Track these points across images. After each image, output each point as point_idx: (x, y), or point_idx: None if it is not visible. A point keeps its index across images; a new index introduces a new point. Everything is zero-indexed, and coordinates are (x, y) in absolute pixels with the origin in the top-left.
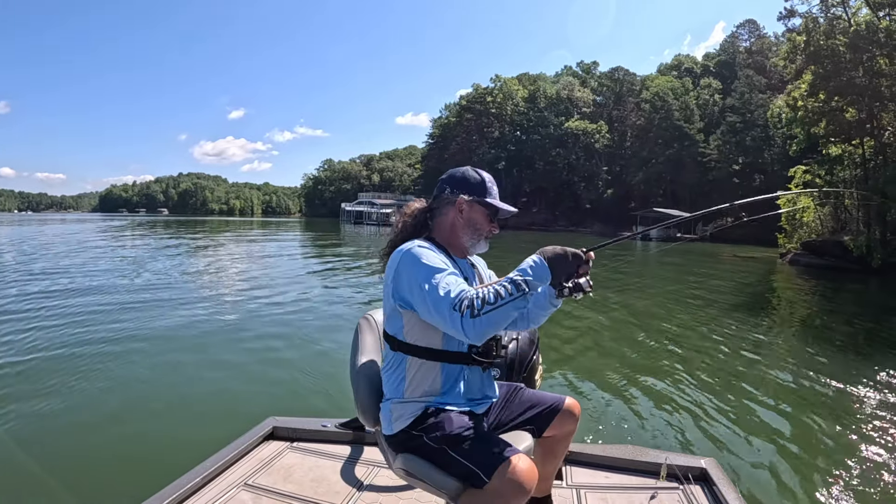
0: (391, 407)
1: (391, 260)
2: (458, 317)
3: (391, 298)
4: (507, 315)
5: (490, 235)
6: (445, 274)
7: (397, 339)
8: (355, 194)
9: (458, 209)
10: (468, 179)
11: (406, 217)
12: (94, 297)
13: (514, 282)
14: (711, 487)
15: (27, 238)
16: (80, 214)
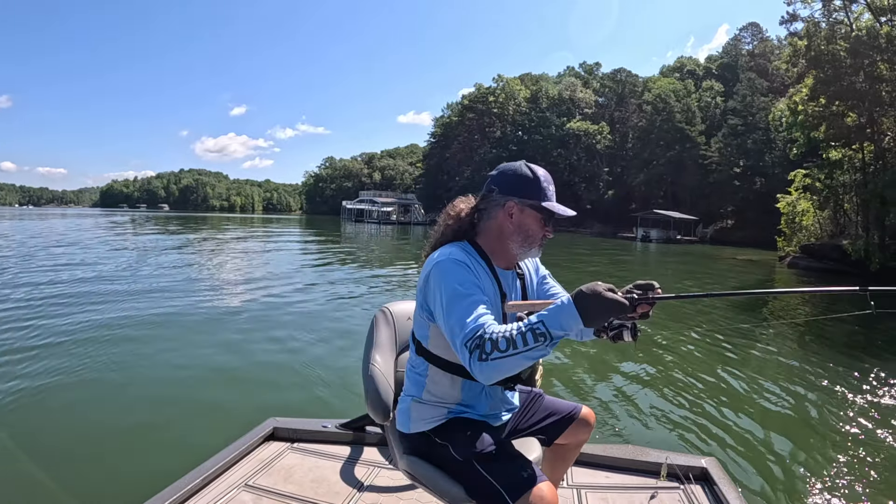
0: (411, 405)
1: (425, 265)
2: (468, 355)
3: (421, 306)
4: (518, 364)
5: (544, 241)
6: (469, 302)
7: (422, 345)
8: (356, 192)
9: (508, 213)
10: (520, 179)
11: (449, 220)
12: (94, 295)
13: (534, 331)
14: (712, 487)
15: (30, 232)
16: (81, 209)
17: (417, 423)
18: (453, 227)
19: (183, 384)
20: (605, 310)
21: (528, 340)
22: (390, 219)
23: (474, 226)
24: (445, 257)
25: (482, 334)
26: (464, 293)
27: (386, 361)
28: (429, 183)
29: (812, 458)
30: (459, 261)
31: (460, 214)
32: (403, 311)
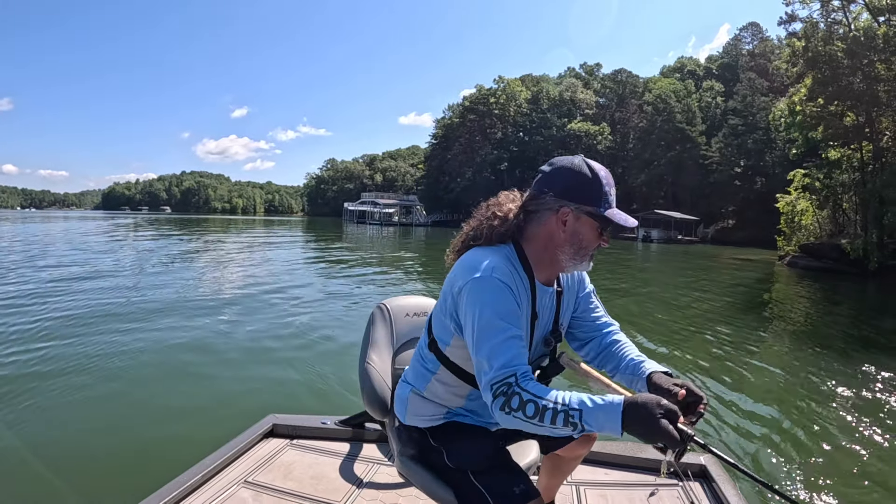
0: (409, 396)
1: (461, 270)
2: (491, 398)
3: (447, 313)
4: (536, 431)
5: (596, 252)
6: (505, 338)
7: (437, 346)
8: (358, 194)
9: (562, 220)
10: (578, 180)
11: (494, 220)
12: (95, 293)
13: (568, 416)
14: (711, 484)
15: (33, 236)
16: (83, 212)
17: (414, 417)
18: (498, 229)
19: (183, 381)
20: (652, 434)
21: (556, 421)
22: (392, 220)
23: (520, 229)
24: (488, 274)
25: (514, 386)
26: (501, 327)
27: (383, 359)
28: (430, 184)
29: (810, 455)
30: (504, 283)
31: (507, 216)
32: (401, 306)
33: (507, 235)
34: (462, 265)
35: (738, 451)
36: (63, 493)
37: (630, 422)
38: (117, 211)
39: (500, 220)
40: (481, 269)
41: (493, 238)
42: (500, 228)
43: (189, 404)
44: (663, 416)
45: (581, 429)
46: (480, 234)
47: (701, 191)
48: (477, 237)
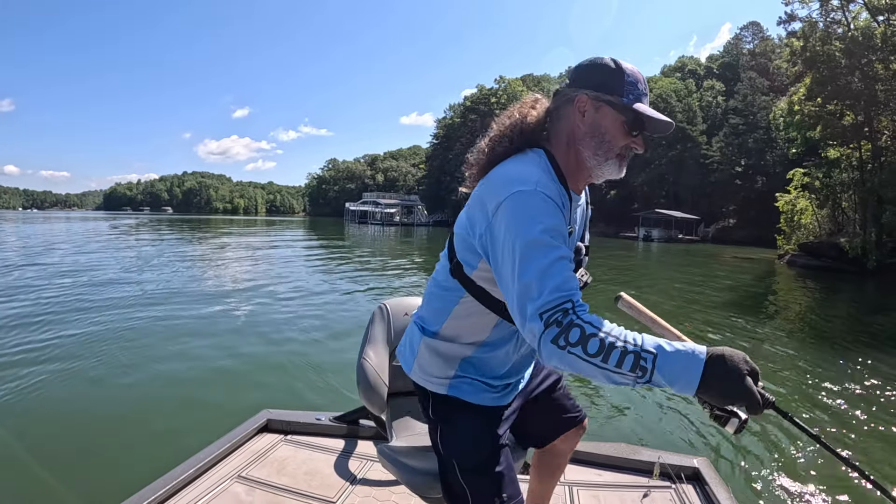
0: (421, 344)
1: (494, 183)
2: (540, 328)
3: (476, 234)
4: (591, 374)
5: (628, 154)
6: (555, 258)
7: (462, 270)
8: (359, 194)
9: (579, 111)
10: (598, 70)
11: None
12: (95, 290)
13: (639, 359)
14: (703, 487)
15: (35, 236)
16: (85, 212)
17: (421, 373)
18: (525, 134)
19: (178, 376)
20: (735, 395)
21: (623, 364)
22: (394, 220)
23: (544, 128)
24: (532, 187)
25: (570, 314)
26: (551, 245)
27: (379, 356)
28: (431, 184)
29: (804, 459)
30: (549, 197)
31: (526, 118)
32: (400, 307)
33: (534, 141)
34: (495, 179)
35: (738, 445)
36: (56, 487)
37: (711, 377)
38: (119, 211)
39: (525, 125)
40: (523, 182)
41: (522, 143)
42: (526, 133)
43: (183, 399)
44: (749, 372)
45: (648, 378)
46: (503, 141)
47: (702, 190)
48: (499, 146)
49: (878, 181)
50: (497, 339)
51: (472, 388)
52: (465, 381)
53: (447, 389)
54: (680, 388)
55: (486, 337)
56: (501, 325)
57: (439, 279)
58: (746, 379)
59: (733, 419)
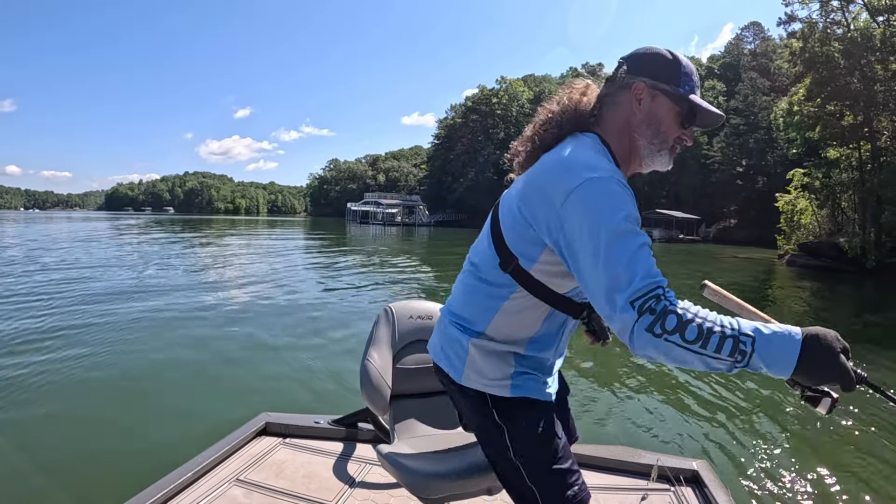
0: (469, 347)
1: (557, 169)
2: (633, 317)
3: (538, 224)
4: (687, 361)
5: (678, 147)
6: (640, 245)
7: (516, 263)
8: (361, 194)
9: (636, 98)
10: (655, 59)
11: (572, 104)
12: (93, 291)
13: (738, 343)
14: (702, 489)
15: (40, 236)
16: (87, 212)
17: (474, 376)
18: (577, 118)
19: (176, 379)
20: (831, 374)
21: (722, 349)
22: (395, 220)
23: (597, 119)
24: (606, 173)
25: (662, 300)
26: (635, 233)
27: (383, 357)
28: (433, 184)
29: (804, 460)
30: (623, 183)
31: (578, 105)
32: (406, 310)
33: (584, 127)
34: (556, 165)
35: (737, 447)
36: (53, 490)
37: (807, 357)
38: (121, 211)
39: (577, 110)
40: (592, 168)
41: (571, 128)
42: (577, 118)
43: (181, 402)
44: (842, 351)
45: (747, 362)
46: (551, 127)
47: (703, 190)
48: (548, 132)
49: (878, 181)
50: (546, 332)
51: (534, 384)
52: (525, 378)
53: (510, 390)
54: (776, 371)
55: (535, 331)
56: (552, 317)
57: (482, 275)
58: (840, 357)
59: (825, 399)
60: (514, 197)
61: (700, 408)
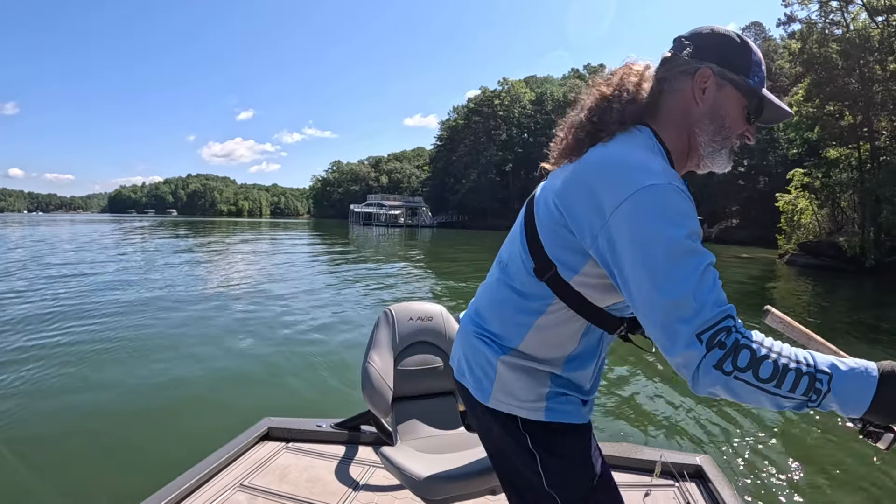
0: (498, 365)
1: (604, 173)
2: (701, 352)
3: (582, 232)
4: (756, 400)
5: (738, 145)
6: (706, 266)
7: (559, 275)
8: (364, 196)
9: (700, 86)
10: (724, 42)
11: (624, 95)
12: (96, 294)
13: (814, 381)
14: (706, 485)
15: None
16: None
17: (504, 397)
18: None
19: (178, 384)
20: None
21: (798, 388)
22: (398, 222)
23: (650, 107)
24: (665, 181)
25: (734, 333)
26: (699, 251)
27: (385, 360)
28: (436, 186)
29: (807, 455)
30: (683, 192)
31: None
32: (405, 311)
33: (639, 115)
34: (609, 164)
35: (740, 442)
36: (57, 496)
37: (883, 396)
38: (124, 214)
39: (632, 91)
40: (648, 173)
41: (625, 119)
42: (633, 101)
43: (184, 408)
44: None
45: (820, 401)
46: (611, 116)
47: (705, 190)
48: (601, 122)
49: (876, 181)
50: (584, 349)
51: (571, 407)
52: (561, 400)
53: (545, 414)
54: (849, 410)
55: (573, 348)
56: (590, 333)
57: (513, 283)
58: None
59: (887, 434)
60: (554, 194)
61: (703, 402)
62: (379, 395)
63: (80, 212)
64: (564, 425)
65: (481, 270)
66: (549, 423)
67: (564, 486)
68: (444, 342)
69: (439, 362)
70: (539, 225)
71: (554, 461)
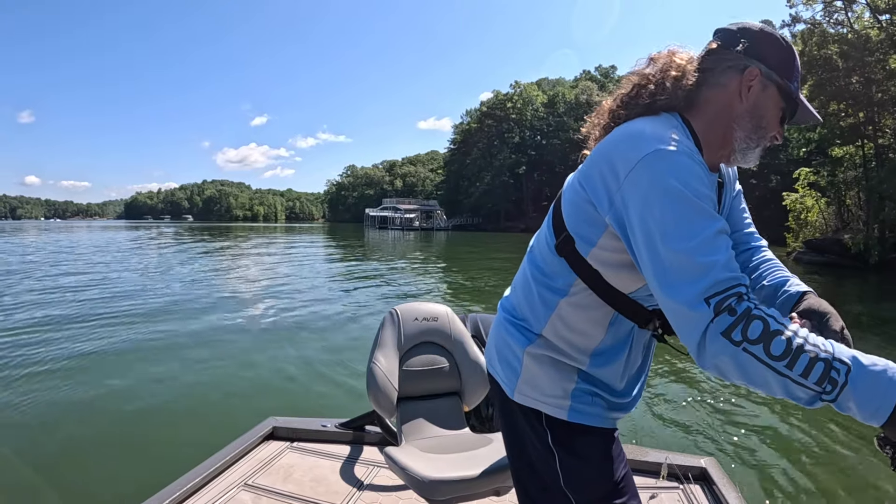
0: (524, 356)
1: (621, 141)
2: (707, 316)
3: (600, 200)
4: (765, 382)
5: (771, 144)
6: (717, 231)
7: (573, 246)
8: (378, 200)
9: (746, 84)
10: (774, 44)
11: (666, 79)
12: (107, 298)
13: (832, 370)
14: (711, 487)
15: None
16: (106, 221)
17: (529, 391)
18: (669, 91)
19: (184, 384)
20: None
21: (811, 374)
22: (413, 225)
23: (688, 97)
24: (675, 146)
25: (746, 301)
26: (709, 215)
27: (390, 360)
28: (450, 189)
29: (812, 456)
30: (695, 157)
31: (684, 75)
32: (411, 312)
33: (674, 104)
34: (622, 136)
35: (745, 444)
36: (63, 496)
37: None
38: (140, 220)
39: (672, 80)
40: (661, 140)
41: (656, 105)
42: (669, 91)
43: (189, 407)
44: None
45: (836, 395)
46: (638, 99)
47: None
48: (632, 105)
49: (877, 178)
50: (612, 343)
51: (597, 409)
52: (586, 400)
53: (568, 414)
54: (867, 413)
55: (599, 340)
56: (618, 323)
57: (538, 262)
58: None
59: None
60: (578, 173)
61: (708, 405)
62: (384, 395)
63: (97, 218)
64: (588, 427)
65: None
66: (571, 423)
67: (581, 488)
68: (449, 342)
69: (444, 363)
70: (564, 204)
71: (573, 461)
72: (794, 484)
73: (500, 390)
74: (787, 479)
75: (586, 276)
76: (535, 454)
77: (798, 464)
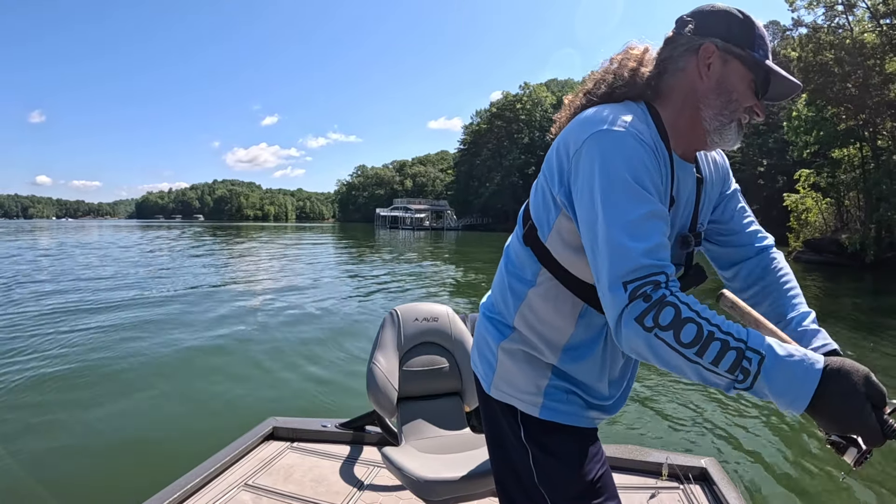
0: (498, 351)
1: (575, 126)
2: (623, 300)
3: (553, 180)
4: (679, 368)
5: (749, 120)
6: (649, 214)
7: (536, 235)
8: (389, 200)
9: (704, 62)
10: (725, 18)
11: (623, 73)
12: (105, 297)
13: (743, 360)
14: (712, 487)
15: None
16: (117, 221)
17: (504, 386)
18: (629, 83)
19: (185, 385)
20: (846, 421)
21: (721, 362)
22: (423, 225)
23: (651, 87)
24: (622, 127)
25: (663, 288)
26: (641, 197)
27: (390, 361)
28: (460, 189)
29: (812, 456)
30: (642, 139)
31: (640, 64)
32: (411, 312)
33: (635, 93)
34: (577, 122)
35: (745, 444)
36: (63, 495)
37: (823, 396)
38: (151, 220)
39: (629, 70)
40: (610, 122)
41: (615, 94)
42: (628, 83)
43: (190, 407)
44: (869, 397)
45: (749, 384)
46: (597, 90)
47: None
48: (591, 96)
49: (872, 180)
50: (584, 338)
51: (570, 407)
52: (559, 397)
53: (540, 411)
54: (784, 404)
55: (570, 334)
56: (588, 316)
57: (511, 253)
58: (865, 405)
59: (851, 448)
60: (547, 159)
61: (708, 405)
62: (384, 396)
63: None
64: (560, 425)
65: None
66: (544, 420)
67: (555, 486)
68: (449, 343)
69: (444, 363)
70: (531, 194)
71: (546, 459)
72: (795, 484)
73: (480, 386)
74: (788, 479)
75: (551, 265)
76: (512, 450)
77: (798, 464)
